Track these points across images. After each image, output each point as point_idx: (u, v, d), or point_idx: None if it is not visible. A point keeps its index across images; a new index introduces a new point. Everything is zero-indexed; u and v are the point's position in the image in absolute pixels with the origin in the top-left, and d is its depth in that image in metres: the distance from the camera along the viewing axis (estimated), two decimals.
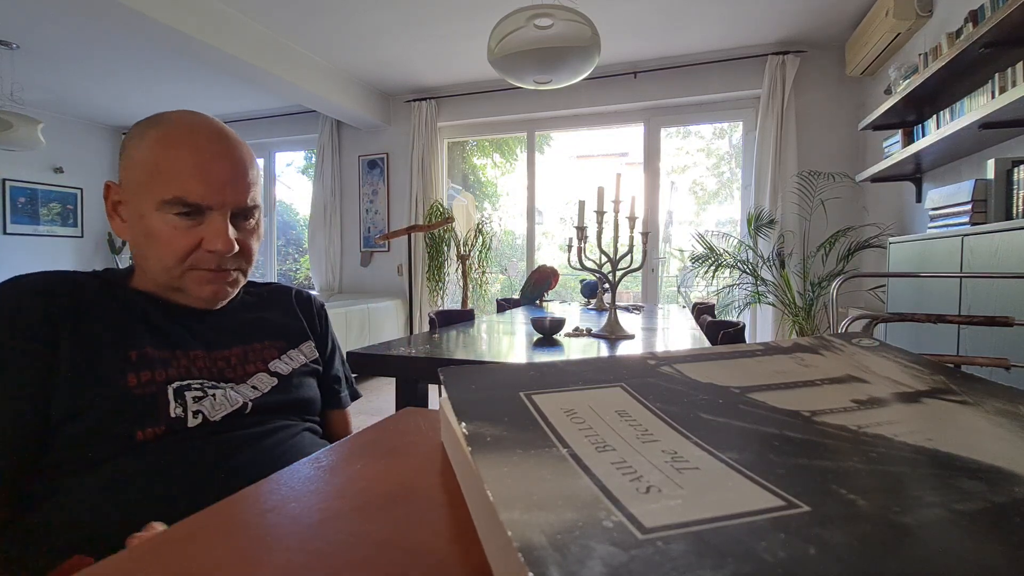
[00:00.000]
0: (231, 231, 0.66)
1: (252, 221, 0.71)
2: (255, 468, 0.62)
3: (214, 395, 0.64)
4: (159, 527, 0.43)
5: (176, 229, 0.64)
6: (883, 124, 2.72)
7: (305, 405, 0.75)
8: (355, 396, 0.91)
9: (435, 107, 4.48)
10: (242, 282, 0.73)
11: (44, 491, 0.56)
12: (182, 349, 0.66)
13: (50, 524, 0.54)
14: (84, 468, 0.56)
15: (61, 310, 0.60)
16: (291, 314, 0.83)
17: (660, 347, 1.40)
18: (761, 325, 3.81)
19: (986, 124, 1.88)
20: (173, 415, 0.60)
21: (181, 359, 0.65)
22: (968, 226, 1.81)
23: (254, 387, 0.69)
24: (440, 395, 0.35)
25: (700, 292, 4.84)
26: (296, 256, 7.02)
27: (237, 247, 0.67)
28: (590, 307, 2.56)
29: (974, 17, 1.97)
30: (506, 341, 1.45)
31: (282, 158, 5.73)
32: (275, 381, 0.71)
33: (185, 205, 0.63)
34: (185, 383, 0.63)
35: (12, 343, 0.57)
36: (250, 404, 0.67)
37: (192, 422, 0.61)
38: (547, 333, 1.45)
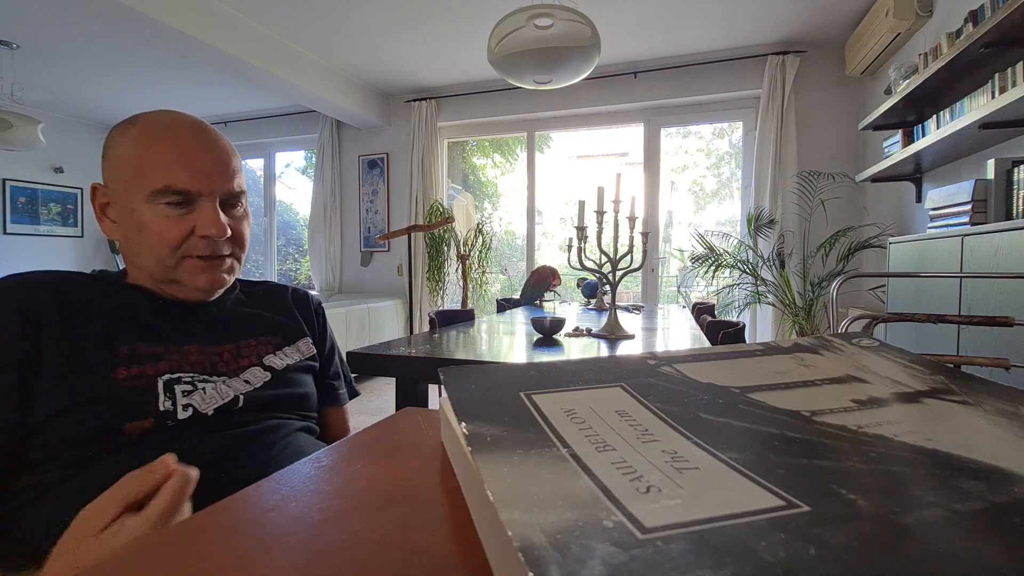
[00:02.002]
0: (222, 216, 0.67)
1: (240, 208, 0.72)
2: (249, 466, 0.62)
3: (204, 388, 0.64)
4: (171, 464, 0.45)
5: (167, 219, 0.65)
6: (883, 124, 2.72)
7: (299, 401, 0.75)
8: (354, 394, 0.91)
9: (435, 107, 4.48)
10: (237, 269, 0.74)
11: (36, 489, 0.56)
12: (175, 344, 0.66)
13: (42, 522, 0.54)
14: (75, 465, 0.56)
15: (45, 308, 0.60)
16: (287, 312, 0.82)
17: (660, 347, 1.40)
18: (761, 325, 3.81)
19: (986, 124, 1.88)
20: (162, 408, 0.60)
21: (174, 353, 0.65)
22: (968, 226, 1.81)
23: (246, 381, 0.69)
24: (440, 395, 0.35)
25: (700, 292, 4.85)
26: (296, 256, 7.02)
27: (230, 231, 0.68)
28: (590, 307, 2.56)
29: (974, 17, 1.97)
30: (506, 341, 1.45)
31: (282, 158, 5.73)
32: (268, 376, 0.71)
33: (174, 193, 0.64)
34: (176, 376, 0.63)
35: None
36: (241, 398, 0.67)
37: (182, 415, 0.61)
38: (547, 333, 1.45)
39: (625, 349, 1.35)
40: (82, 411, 0.57)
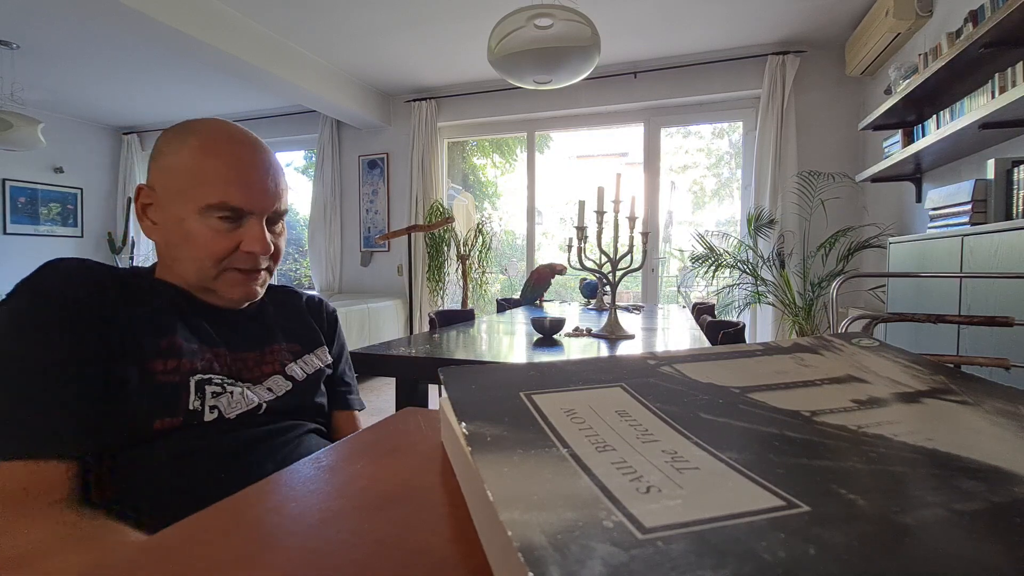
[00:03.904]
0: (267, 235, 0.70)
1: (280, 224, 0.75)
2: (262, 467, 0.64)
3: (232, 392, 0.65)
4: None
5: (217, 232, 0.66)
6: (883, 124, 2.72)
7: (317, 410, 0.78)
8: (360, 406, 0.92)
9: (435, 107, 4.48)
10: (268, 282, 0.77)
11: None
12: (207, 345, 0.67)
13: None
14: (96, 456, 0.57)
15: (105, 293, 0.61)
16: (303, 319, 0.84)
17: (660, 347, 1.40)
18: (761, 325, 3.81)
19: (986, 124, 1.88)
20: (191, 407, 0.61)
21: (206, 353, 0.66)
22: (968, 226, 1.81)
23: (269, 389, 0.71)
24: (440, 395, 0.35)
25: (700, 292, 4.85)
26: (296, 256, 7.02)
27: (272, 248, 0.71)
28: (590, 307, 2.56)
29: (974, 17, 1.97)
30: (506, 341, 1.45)
31: (282, 158, 5.73)
32: (289, 385, 0.73)
33: (229, 210, 0.66)
34: (207, 377, 0.64)
35: (80, 317, 0.58)
36: (264, 405, 0.69)
37: (208, 416, 0.62)
38: (547, 333, 1.45)
39: (625, 349, 1.35)
40: (116, 399, 0.58)
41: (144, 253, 5.55)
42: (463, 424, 0.25)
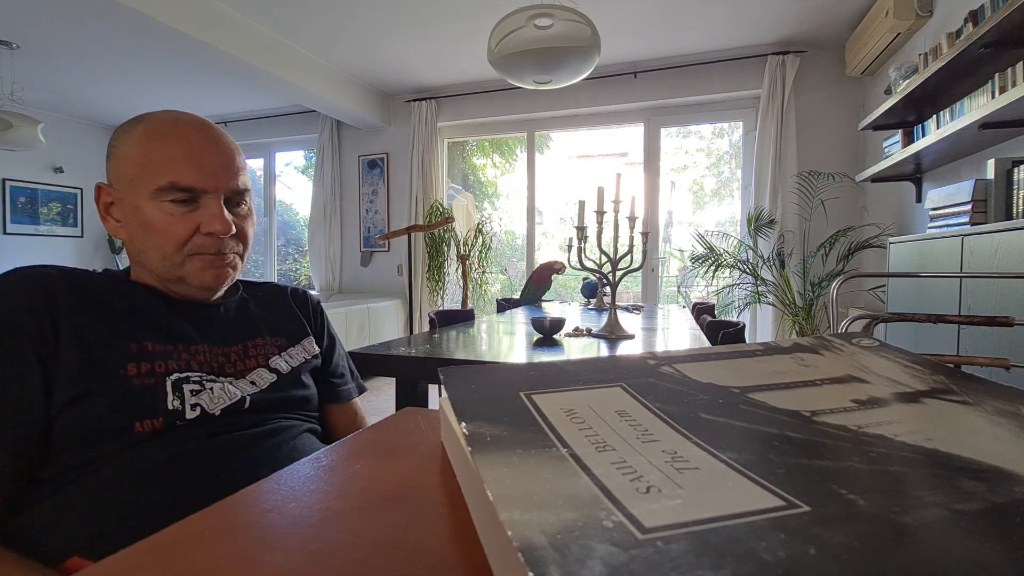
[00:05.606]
0: (226, 214, 0.68)
1: (244, 206, 0.72)
2: (256, 468, 0.62)
3: (212, 388, 0.64)
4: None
5: (172, 216, 0.65)
6: (883, 124, 2.72)
7: (303, 402, 0.75)
8: (361, 389, 0.92)
9: (435, 107, 4.48)
10: (240, 266, 0.74)
11: (46, 487, 0.56)
12: (183, 343, 0.66)
13: (50, 522, 0.54)
14: (84, 464, 0.56)
15: (62, 302, 0.60)
16: (289, 312, 0.83)
17: (660, 347, 1.40)
18: (761, 325, 3.81)
19: (986, 124, 1.88)
20: (171, 407, 0.60)
21: (182, 353, 0.65)
22: (968, 226, 1.81)
23: (253, 382, 0.69)
24: (440, 395, 0.35)
25: (700, 292, 4.85)
26: (296, 256, 7.02)
27: (234, 228, 0.69)
28: (590, 307, 2.56)
29: (974, 17, 1.97)
30: (506, 341, 1.45)
31: (282, 158, 5.73)
32: (274, 377, 0.72)
33: (180, 190, 0.64)
34: (184, 375, 0.63)
35: (12, 336, 0.56)
36: (248, 399, 0.67)
37: (190, 415, 0.61)
38: (547, 333, 1.45)
39: (625, 349, 1.35)
40: (94, 407, 0.57)
41: None
42: (463, 424, 0.25)
